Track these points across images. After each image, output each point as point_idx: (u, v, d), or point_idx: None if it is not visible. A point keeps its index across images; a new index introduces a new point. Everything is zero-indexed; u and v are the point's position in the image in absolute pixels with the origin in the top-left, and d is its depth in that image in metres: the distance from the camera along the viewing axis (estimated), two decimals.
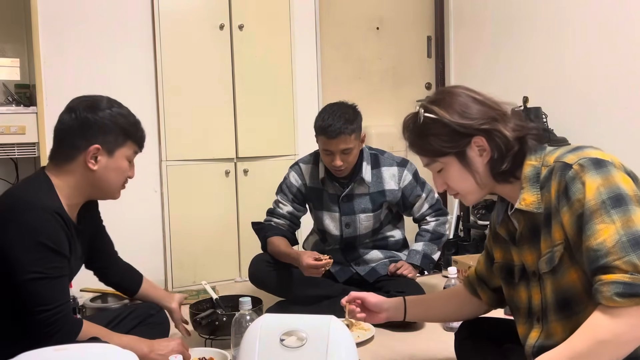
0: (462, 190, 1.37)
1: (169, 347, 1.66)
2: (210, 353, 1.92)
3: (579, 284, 1.21)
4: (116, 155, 1.64)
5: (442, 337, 2.27)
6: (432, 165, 1.38)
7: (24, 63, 2.86)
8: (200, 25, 3.19)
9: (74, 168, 1.60)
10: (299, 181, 2.59)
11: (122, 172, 1.67)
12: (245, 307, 1.82)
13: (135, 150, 1.70)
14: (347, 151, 2.39)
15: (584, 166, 1.18)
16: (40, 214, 1.50)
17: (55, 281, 1.50)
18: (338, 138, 2.34)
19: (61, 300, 1.51)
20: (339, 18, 3.82)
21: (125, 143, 1.65)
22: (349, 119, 2.37)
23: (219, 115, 3.26)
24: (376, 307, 1.65)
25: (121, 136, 1.64)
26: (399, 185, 2.54)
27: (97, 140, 1.60)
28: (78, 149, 1.59)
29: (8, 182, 2.93)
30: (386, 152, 2.63)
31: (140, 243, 3.13)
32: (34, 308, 1.47)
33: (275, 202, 2.62)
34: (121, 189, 1.71)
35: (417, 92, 4.12)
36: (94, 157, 1.60)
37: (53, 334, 1.48)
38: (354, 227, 2.55)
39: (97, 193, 1.68)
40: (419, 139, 1.37)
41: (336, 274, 2.60)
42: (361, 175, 2.49)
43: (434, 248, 2.57)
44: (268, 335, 1.42)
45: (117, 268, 1.99)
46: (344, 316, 2.31)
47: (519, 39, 3.55)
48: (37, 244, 1.47)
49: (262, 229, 2.59)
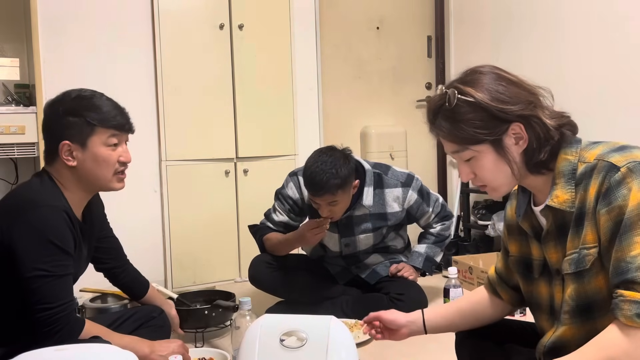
0: (494, 181, 1.24)
1: (170, 348, 1.66)
2: (210, 353, 1.92)
3: (605, 290, 1.15)
4: (90, 145, 1.57)
5: (442, 337, 2.25)
6: (461, 153, 1.23)
7: (23, 63, 2.86)
8: (200, 25, 3.19)
9: (60, 167, 1.60)
10: (296, 194, 2.52)
11: (106, 160, 1.59)
12: (245, 307, 1.82)
13: (112, 133, 1.59)
14: (334, 204, 2.30)
15: (633, 172, 1.09)
16: (47, 211, 1.50)
17: (60, 280, 1.50)
18: (322, 196, 2.25)
19: (64, 299, 1.50)
20: (339, 18, 3.82)
21: (94, 131, 1.57)
22: (336, 174, 2.22)
23: (219, 115, 3.26)
24: (393, 324, 1.54)
25: (86, 125, 1.56)
26: (402, 207, 2.47)
27: (64, 137, 1.56)
28: (52, 151, 1.59)
29: (8, 182, 2.92)
30: (391, 168, 2.51)
31: (140, 243, 3.13)
32: (37, 306, 1.47)
33: (273, 208, 2.58)
34: (118, 178, 1.65)
35: (417, 92, 4.12)
36: (69, 154, 1.57)
37: (55, 332, 1.47)
38: (353, 246, 2.53)
39: (92, 186, 1.64)
40: (448, 124, 1.21)
41: (337, 276, 2.60)
42: (361, 202, 2.41)
43: (437, 250, 2.56)
44: (268, 335, 1.42)
45: (128, 270, 2.00)
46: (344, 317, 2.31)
47: (518, 38, 3.55)
48: (43, 241, 1.47)
49: (258, 230, 2.58)
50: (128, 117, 1.65)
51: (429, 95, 4.16)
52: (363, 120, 3.88)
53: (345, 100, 3.86)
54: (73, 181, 1.60)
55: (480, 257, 3.08)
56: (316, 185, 2.24)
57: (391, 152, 3.83)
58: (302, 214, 2.56)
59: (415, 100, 4.12)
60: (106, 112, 1.58)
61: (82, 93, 1.60)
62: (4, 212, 1.54)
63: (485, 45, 3.82)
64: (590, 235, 1.14)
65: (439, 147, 4.19)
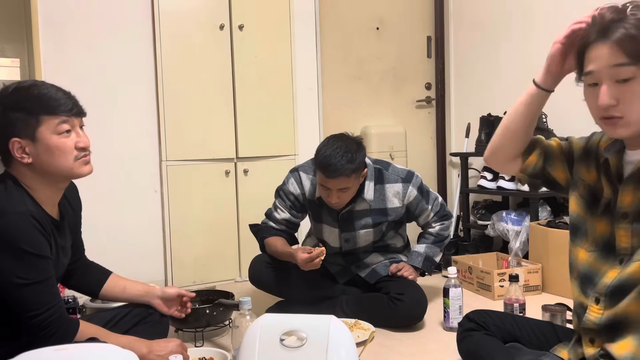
0: (636, 115, 1.17)
1: (168, 348, 1.65)
2: (211, 353, 1.92)
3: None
4: (39, 137, 1.48)
5: (442, 337, 2.27)
6: (622, 68, 1.14)
7: (24, 63, 2.86)
8: (200, 25, 3.19)
9: (18, 166, 1.51)
10: (297, 190, 2.51)
11: (60, 149, 1.50)
12: (245, 307, 1.82)
13: (61, 119, 1.50)
14: (345, 190, 2.30)
15: None
16: (13, 219, 1.42)
17: (40, 285, 1.46)
18: (336, 179, 2.24)
19: (51, 303, 1.48)
20: (339, 18, 3.82)
21: (40, 121, 1.48)
22: (351, 159, 2.23)
23: (219, 115, 3.27)
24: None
25: (30, 117, 1.47)
26: (402, 202, 2.47)
27: (11, 134, 1.47)
28: (5, 149, 1.49)
29: None
30: (391, 165, 2.52)
31: (141, 243, 3.14)
32: (26, 314, 1.45)
33: (274, 206, 2.57)
34: (81, 164, 1.55)
35: (417, 92, 4.13)
36: (22, 151, 1.48)
37: (49, 336, 1.46)
38: (353, 242, 2.53)
39: (57, 178, 1.55)
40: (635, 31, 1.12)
41: (336, 275, 2.60)
42: (362, 196, 2.41)
43: (437, 250, 2.56)
44: (268, 335, 1.42)
45: (85, 263, 1.87)
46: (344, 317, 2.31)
47: (518, 39, 3.55)
48: (15, 250, 1.41)
49: (260, 230, 2.58)
50: (75, 100, 1.55)
51: (428, 95, 4.16)
52: (363, 120, 3.88)
53: (345, 100, 3.86)
54: (35, 178, 1.52)
55: (479, 257, 3.09)
56: (332, 167, 2.21)
57: (391, 152, 3.84)
58: (303, 210, 2.56)
59: (415, 100, 4.12)
60: (49, 98, 1.50)
61: (20, 85, 1.52)
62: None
63: (485, 45, 3.82)
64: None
65: (439, 147, 4.20)
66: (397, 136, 3.92)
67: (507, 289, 2.25)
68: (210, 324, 2.20)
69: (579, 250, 1.37)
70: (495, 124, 3.48)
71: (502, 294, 2.54)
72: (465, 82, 4.02)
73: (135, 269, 2.95)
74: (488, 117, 3.54)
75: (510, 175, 3.33)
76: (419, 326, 2.38)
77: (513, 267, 2.89)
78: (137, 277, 2.55)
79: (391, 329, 2.34)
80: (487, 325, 1.58)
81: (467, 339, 1.60)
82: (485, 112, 3.58)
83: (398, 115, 4.05)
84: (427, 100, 4.14)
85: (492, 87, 3.78)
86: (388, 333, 2.31)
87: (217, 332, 2.31)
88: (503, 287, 2.70)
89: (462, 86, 4.06)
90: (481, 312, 1.64)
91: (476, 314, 1.64)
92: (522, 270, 2.79)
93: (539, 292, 2.82)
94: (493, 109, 3.57)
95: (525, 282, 2.77)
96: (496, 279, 2.74)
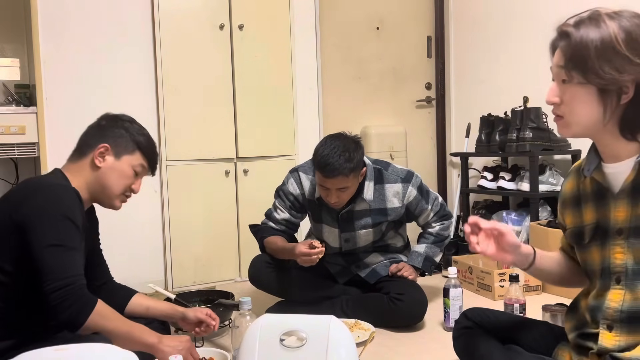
0: (576, 117, 1.22)
1: (178, 347, 1.63)
2: (211, 353, 1.92)
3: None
4: (123, 159, 1.72)
5: (442, 337, 2.27)
6: (563, 72, 1.21)
7: (24, 63, 2.87)
8: (200, 25, 3.19)
9: (84, 165, 1.69)
10: (297, 190, 2.51)
11: (125, 177, 1.73)
12: (245, 307, 1.82)
13: (143, 164, 1.77)
14: (344, 189, 2.29)
15: None
16: (60, 189, 1.57)
17: (70, 252, 1.50)
18: (335, 178, 2.23)
19: (74, 273, 1.49)
20: (339, 18, 3.82)
21: (134, 152, 1.74)
22: (349, 158, 2.22)
23: (219, 115, 3.27)
24: (511, 247, 1.39)
25: (132, 144, 1.74)
26: (402, 202, 2.47)
27: (108, 141, 1.71)
28: (90, 146, 1.70)
29: (8, 182, 2.93)
30: (390, 165, 2.51)
31: (140, 243, 3.14)
32: (47, 279, 1.45)
33: (274, 206, 2.57)
34: (122, 199, 1.77)
35: (417, 92, 4.13)
36: (102, 155, 1.70)
37: (66, 308, 1.44)
38: (353, 242, 2.53)
39: (99, 195, 1.72)
40: (591, 53, 1.18)
41: (336, 275, 2.60)
42: (362, 196, 2.41)
43: (437, 250, 2.56)
44: (268, 335, 1.42)
45: (111, 286, 1.92)
46: (344, 317, 2.31)
47: (519, 38, 3.55)
48: (55, 214, 1.51)
49: (260, 230, 2.58)
50: (157, 165, 1.85)
51: (429, 95, 4.16)
52: (363, 120, 3.88)
53: (345, 100, 3.86)
54: (87, 180, 1.69)
55: (480, 257, 3.08)
56: (330, 167, 2.21)
57: (391, 152, 3.84)
58: (303, 211, 2.56)
59: (415, 100, 4.12)
60: (150, 147, 1.79)
61: (142, 127, 1.81)
62: (17, 195, 1.59)
63: (485, 45, 3.82)
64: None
65: (439, 147, 4.20)
66: (397, 136, 3.92)
67: (508, 289, 2.24)
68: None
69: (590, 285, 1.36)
70: (496, 124, 3.49)
71: (502, 294, 2.53)
72: (465, 82, 4.02)
73: (135, 269, 2.96)
74: (488, 117, 3.54)
75: (511, 175, 3.33)
76: (419, 326, 2.37)
77: (513, 267, 2.89)
78: (137, 277, 2.56)
79: (391, 329, 2.34)
80: (484, 324, 1.57)
81: (463, 336, 1.59)
82: (485, 112, 3.58)
83: (398, 115, 4.05)
84: (427, 100, 4.14)
85: (492, 87, 3.78)
86: (388, 333, 2.31)
87: (217, 332, 2.31)
88: (503, 287, 2.70)
89: (462, 86, 4.06)
90: (479, 311, 1.63)
91: (473, 312, 1.62)
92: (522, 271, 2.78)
93: (539, 292, 2.82)
94: (493, 109, 3.57)
95: (525, 282, 2.77)
96: (496, 279, 2.74)
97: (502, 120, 3.46)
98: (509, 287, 2.24)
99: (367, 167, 2.42)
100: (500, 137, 3.42)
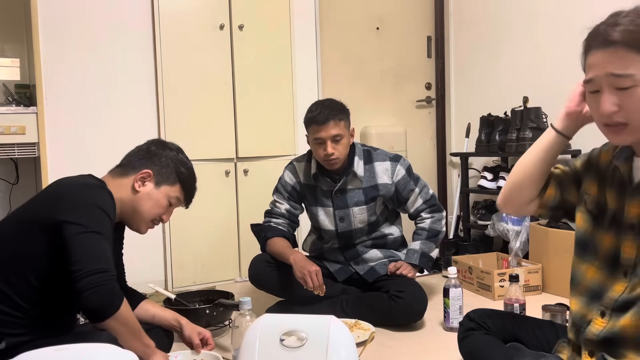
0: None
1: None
2: (202, 356, 1.91)
3: None
4: (162, 189, 1.77)
5: (442, 337, 2.27)
6: (626, 79, 1.14)
7: (24, 63, 2.87)
8: (200, 25, 3.19)
9: (123, 184, 1.73)
10: (293, 179, 2.60)
11: (159, 206, 1.77)
12: (245, 307, 1.82)
13: (179, 197, 1.82)
14: (338, 138, 2.41)
15: None
16: (96, 188, 1.61)
17: (100, 239, 1.50)
18: (328, 124, 2.39)
19: (107, 260, 1.48)
20: (339, 18, 3.82)
21: (175, 184, 1.80)
22: (338, 108, 2.45)
23: (219, 115, 3.27)
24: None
25: (173, 176, 1.79)
26: (392, 180, 2.54)
27: (153, 168, 1.76)
28: (134, 168, 1.75)
29: (8, 182, 2.93)
30: (379, 148, 2.64)
31: (140, 243, 3.12)
32: (81, 261, 1.43)
33: (272, 202, 2.62)
34: (149, 226, 1.80)
35: (417, 92, 4.13)
36: (142, 180, 1.74)
37: (96, 296, 1.42)
38: (348, 220, 2.55)
39: (129, 216, 1.75)
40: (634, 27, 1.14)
41: (335, 274, 2.60)
42: (353, 169, 2.49)
43: (432, 246, 2.57)
44: (268, 335, 1.42)
45: (124, 289, 1.91)
46: (344, 316, 2.31)
47: (519, 39, 3.55)
48: (92, 203, 1.54)
49: (262, 230, 2.59)
50: (192, 200, 1.92)
51: (429, 95, 4.16)
52: (363, 120, 3.88)
53: (345, 100, 3.82)
54: (122, 199, 1.70)
55: (479, 257, 3.09)
56: (321, 114, 2.40)
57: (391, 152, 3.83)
58: (300, 200, 2.63)
59: (415, 100, 4.12)
60: (191, 181, 1.86)
61: (187, 159, 1.89)
62: (52, 192, 1.61)
63: (485, 45, 3.82)
64: None
65: (439, 147, 4.20)
66: (397, 136, 3.92)
67: (507, 289, 2.25)
68: (210, 324, 2.21)
69: (588, 267, 1.35)
70: (496, 124, 3.49)
71: (502, 294, 2.54)
72: (465, 82, 4.02)
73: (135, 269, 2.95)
74: (488, 117, 3.54)
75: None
76: (419, 326, 2.37)
77: (513, 267, 2.89)
78: (137, 277, 2.56)
79: (391, 328, 2.34)
80: (488, 325, 1.58)
81: (468, 338, 1.60)
82: (485, 112, 3.58)
83: (398, 115, 4.05)
84: (427, 100, 4.14)
85: (492, 87, 3.78)
86: (388, 333, 2.31)
87: (217, 332, 2.31)
88: (503, 287, 2.70)
89: (462, 86, 4.06)
90: (482, 312, 1.63)
91: (477, 313, 1.63)
92: (522, 271, 2.79)
93: (539, 292, 2.82)
94: (493, 109, 3.57)
95: (525, 282, 2.77)
96: (496, 279, 2.74)
97: (502, 120, 3.46)
98: (508, 287, 2.25)
99: (356, 146, 2.55)
100: (500, 137, 3.42)
